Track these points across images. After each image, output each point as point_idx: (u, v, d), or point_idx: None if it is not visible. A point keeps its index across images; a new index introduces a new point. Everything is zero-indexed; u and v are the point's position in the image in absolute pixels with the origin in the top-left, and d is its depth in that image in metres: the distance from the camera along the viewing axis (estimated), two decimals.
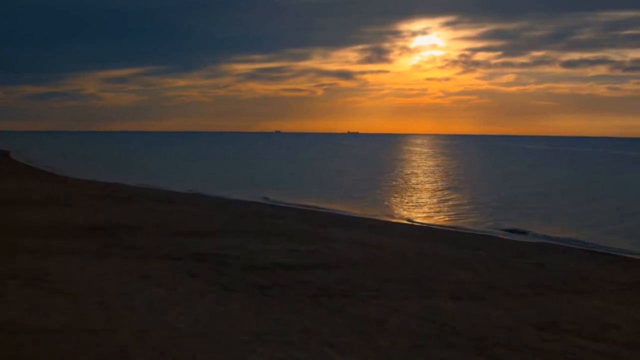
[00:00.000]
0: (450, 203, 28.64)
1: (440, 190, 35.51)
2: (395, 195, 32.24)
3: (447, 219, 23.44)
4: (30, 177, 36.84)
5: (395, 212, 25.22)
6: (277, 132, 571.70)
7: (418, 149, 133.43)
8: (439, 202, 29.37)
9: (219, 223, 16.41)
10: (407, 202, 29.05)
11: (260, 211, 21.41)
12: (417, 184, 39.94)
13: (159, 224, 16.10)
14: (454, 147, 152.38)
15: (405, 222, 21.73)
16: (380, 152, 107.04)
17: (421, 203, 28.85)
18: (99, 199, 22.95)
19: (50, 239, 13.63)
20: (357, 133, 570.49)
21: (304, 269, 10.88)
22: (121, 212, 18.52)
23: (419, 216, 24.01)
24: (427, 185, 38.61)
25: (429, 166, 62.54)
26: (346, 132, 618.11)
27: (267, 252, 12.27)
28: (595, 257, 13.98)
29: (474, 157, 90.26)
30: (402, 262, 11.42)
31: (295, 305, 8.67)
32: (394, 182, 40.49)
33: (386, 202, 28.77)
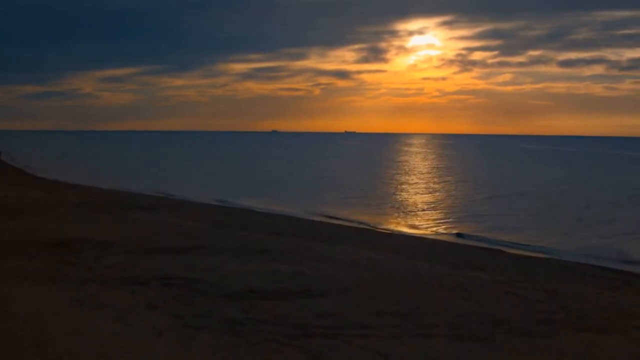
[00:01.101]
0: (445, 208, 27.37)
1: (434, 194, 34.26)
2: (388, 200, 30.93)
3: (442, 227, 22.14)
4: (12, 181, 35.45)
5: (387, 220, 23.86)
6: (274, 132, 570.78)
7: (414, 149, 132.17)
8: (434, 207, 28.10)
9: (198, 237, 15.09)
10: (399, 208, 27.73)
11: (245, 221, 20.10)
12: (410, 187, 38.67)
13: (131, 237, 14.77)
14: (450, 146, 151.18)
15: (398, 232, 20.39)
16: (376, 153, 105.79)
17: (415, 209, 27.56)
18: (76, 206, 21.60)
19: (6, 257, 12.30)
20: (354, 132, 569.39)
21: (284, 297, 9.57)
22: (94, 224, 17.19)
23: (414, 224, 22.69)
24: (421, 189, 37.36)
25: (423, 167, 61.31)
26: (343, 131, 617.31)
27: (245, 275, 10.96)
28: (609, 277, 12.69)
29: (470, 157, 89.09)
30: (395, 287, 10.11)
31: (268, 347, 7.37)
32: (387, 186, 39.20)
33: (378, 209, 27.46)
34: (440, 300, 9.33)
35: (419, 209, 27.58)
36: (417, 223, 23.04)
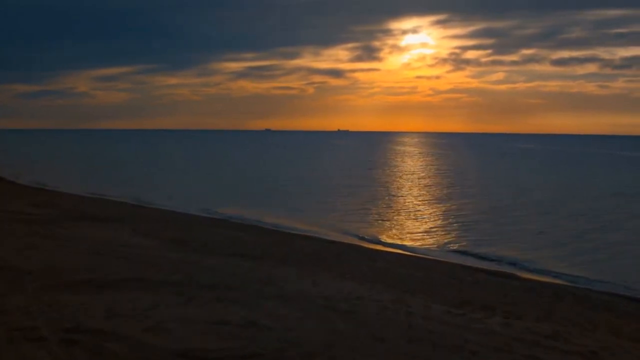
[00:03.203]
0: (436, 218, 24.63)
1: (424, 200, 31.56)
2: (374, 208, 27.83)
3: (434, 240, 19.41)
4: None
5: (374, 232, 20.90)
6: (267, 130, 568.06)
7: (407, 148, 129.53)
8: (423, 216, 25.29)
9: (141, 262, 12.33)
10: (388, 218, 24.72)
11: (209, 236, 17.34)
12: (400, 192, 35.85)
13: (58, 264, 11.99)
14: (443, 146, 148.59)
15: (386, 251, 17.48)
16: (366, 153, 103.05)
17: (404, 218, 24.72)
18: (18, 220, 18.79)
19: None
20: (347, 131, 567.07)
21: None
22: (24, 243, 14.39)
23: (403, 238, 19.91)
24: (411, 195, 34.60)
25: (414, 170, 58.59)
26: (336, 130, 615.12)
27: (180, 327, 8.23)
28: None
29: (463, 158, 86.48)
30: (379, 349, 7.42)
31: None
32: (374, 191, 36.24)
33: (364, 217, 24.56)
34: None
35: (409, 218, 24.83)
36: (406, 236, 20.32)
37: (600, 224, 23.00)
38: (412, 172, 53.23)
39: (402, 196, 33.14)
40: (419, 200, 30.91)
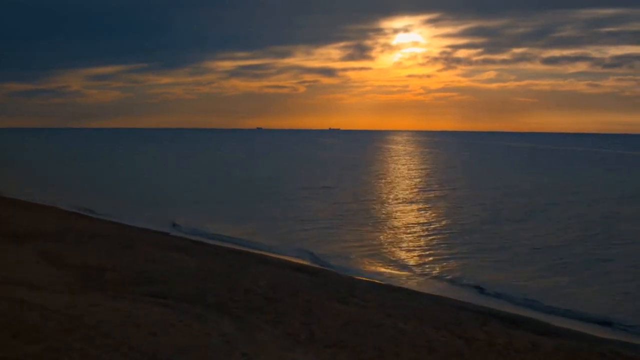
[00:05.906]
0: (431, 231, 20.72)
1: (417, 207, 27.70)
2: (353, 217, 23.62)
3: (431, 266, 15.52)
4: None
5: (346, 254, 16.44)
6: (259, 129, 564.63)
7: (398, 146, 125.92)
8: (415, 229, 21.27)
9: (58, 314, 8.48)
10: (367, 231, 20.46)
11: (139, 262, 13.48)
12: (387, 198, 31.86)
13: None
14: (434, 144, 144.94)
15: (360, 279, 13.45)
16: (357, 151, 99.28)
17: (389, 232, 20.62)
18: None
19: None
20: (338, 130, 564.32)
21: None
22: None
23: (385, 265, 15.84)
24: (401, 199, 30.76)
25: (405, 169, 54.82)
26: (328, 128, 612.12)
27: None
28: None
29: (459, 158, 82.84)
30: None
31: None
32: (356, 194, 32.29)
33: (337, 232, 20.33)
34: None
35: (393, 232, 20.78)
36: (389, 259, 16.22)
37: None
38: (398, 174, 49.46)
39: (385, 203, 29.08)
40: (405, 209, 26.97)
